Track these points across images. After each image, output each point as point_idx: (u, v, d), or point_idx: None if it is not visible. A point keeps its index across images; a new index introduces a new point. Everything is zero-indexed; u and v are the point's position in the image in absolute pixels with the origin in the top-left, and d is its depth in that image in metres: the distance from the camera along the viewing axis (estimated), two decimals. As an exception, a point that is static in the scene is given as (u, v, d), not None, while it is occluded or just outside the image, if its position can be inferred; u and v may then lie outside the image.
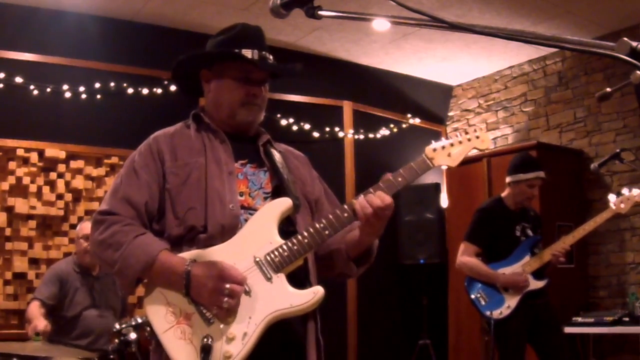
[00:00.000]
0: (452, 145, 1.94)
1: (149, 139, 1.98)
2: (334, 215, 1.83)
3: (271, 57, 1.98)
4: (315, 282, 1.91)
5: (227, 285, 1.69)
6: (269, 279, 1.77)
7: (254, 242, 1.80)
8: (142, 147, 1.96)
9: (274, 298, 1.75)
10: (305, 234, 1.81)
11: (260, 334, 1.72)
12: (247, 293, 1.74)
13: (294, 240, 1.80)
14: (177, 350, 1.73)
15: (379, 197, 1.80)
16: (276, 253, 1.78)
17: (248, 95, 1.95)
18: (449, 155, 1.93)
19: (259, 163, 1.98)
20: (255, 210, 1.88)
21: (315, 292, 1.77)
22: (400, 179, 1.86)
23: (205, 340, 1.70)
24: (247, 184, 1.93)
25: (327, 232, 1.82)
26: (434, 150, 1.93)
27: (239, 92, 1.94)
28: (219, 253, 1.79)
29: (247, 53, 1.92)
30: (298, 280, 1.83)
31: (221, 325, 1.72)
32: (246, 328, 1.72)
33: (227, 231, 1.82)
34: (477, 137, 1.97)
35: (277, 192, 1.93)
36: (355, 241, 1.92)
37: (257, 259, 1.78)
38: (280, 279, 1.77)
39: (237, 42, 1.94)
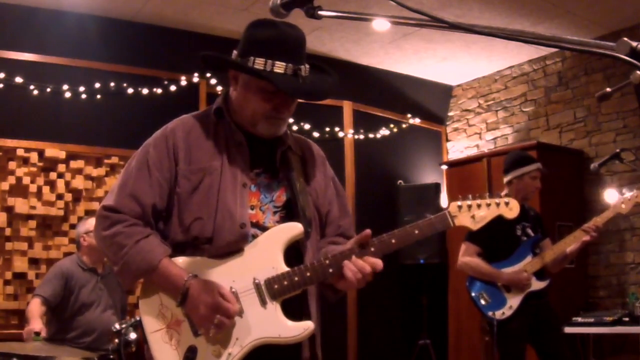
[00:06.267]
0: (478, 206, 1.88)
1: (166, 129, 1.88)
2: (341, 253, 1.78)
3: (307, 68, 1.83)
4: (315, 311, 1.88)
5: (218, 316, 1.68)
6: (264, 304, 1.75)
7: (256, 264, 1.78)
8: (158, 138, 1.87)
9: (265, 324, 1.74)
10: (309, 267, 1.77)
11: (243, 356, 1.72)
12: (240, 314, 1.73)
13: (297, 271, 1.76)
14: (161, 353, 1.75)
15: (372, 265, 1.75)
16: (277, 280, 1.75)
17: (274, 110, 1.83)
18: (472, 217, 1.87)
19: (274, 172, 1.90)
20: (264, 227, 1.84)
21: (305, 328, 1.75)
22: (417, 232, 1.82)
23: (189, 350, 1.71)
24: (258, 197, 1.87)
25: (331, 270, 1.77)
26: (459, 207, 1.87)
27: (264, 105, 1.82)
28: (219, 268, 1.78)
29: (280, 67, 1.77)
30: (296, 306, 1.81)
31: (208, 339, 1.73)
32: (231, 348, 1.72)
33: (233, 247, 1.79)
34: (507, 204, 1.90)
35: (288, 207, 1.88)
36: (329, 284, 1.85)
37: (257, 282, 1.76)
38: (275, 307, 1.75)
39: (272, 50, 1.78)
